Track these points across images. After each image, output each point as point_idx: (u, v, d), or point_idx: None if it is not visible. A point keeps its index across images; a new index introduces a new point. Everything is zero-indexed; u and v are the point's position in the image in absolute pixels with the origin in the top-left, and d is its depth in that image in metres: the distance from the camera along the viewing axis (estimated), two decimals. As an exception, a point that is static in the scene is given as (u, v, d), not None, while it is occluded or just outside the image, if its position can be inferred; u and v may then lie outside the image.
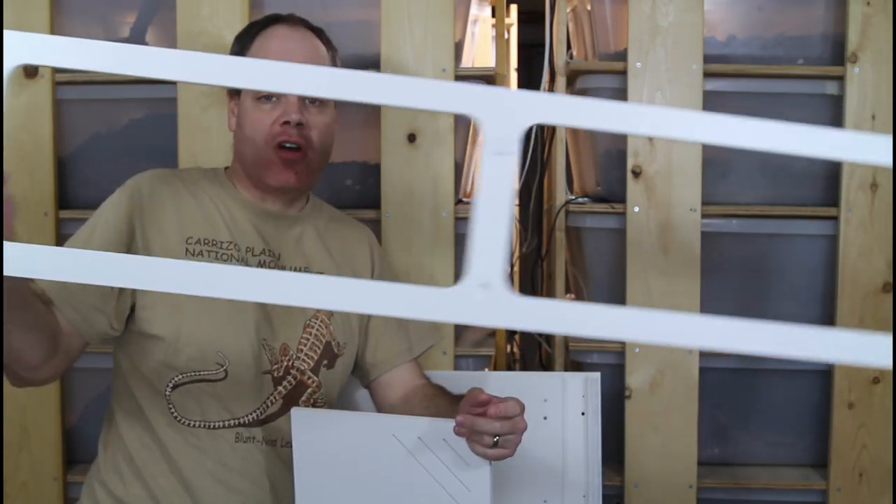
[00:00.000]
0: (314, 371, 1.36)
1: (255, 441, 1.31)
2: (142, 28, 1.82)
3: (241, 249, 1.34)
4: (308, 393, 1.36)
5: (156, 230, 1.31)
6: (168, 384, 1.29)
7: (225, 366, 1.29)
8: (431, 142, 1.70)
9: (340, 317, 1.40)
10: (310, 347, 1.36)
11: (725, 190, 1.82)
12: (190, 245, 1.32)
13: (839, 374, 1.78)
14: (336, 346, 1.39)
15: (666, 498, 1.78)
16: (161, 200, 1.33)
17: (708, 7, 1.76)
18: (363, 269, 1.46)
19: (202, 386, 1.29)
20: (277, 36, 1.35)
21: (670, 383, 1.77)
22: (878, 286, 1.77)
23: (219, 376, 1.29)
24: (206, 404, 1.29)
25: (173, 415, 1.29)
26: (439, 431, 1.21)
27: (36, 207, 1.76)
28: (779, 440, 1.89)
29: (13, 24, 1.74)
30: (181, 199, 1.34)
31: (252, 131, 1.33)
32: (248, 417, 1.31)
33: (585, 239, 1.84)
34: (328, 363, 1.38)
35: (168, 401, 1.29)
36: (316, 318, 1.37)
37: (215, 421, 1.30)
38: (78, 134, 1.82)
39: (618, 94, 1.78)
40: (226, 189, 1.38)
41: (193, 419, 1.29)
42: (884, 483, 1.79)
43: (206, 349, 1.29)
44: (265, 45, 1.34)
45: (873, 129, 1.75)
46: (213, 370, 1.29)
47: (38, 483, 1.80)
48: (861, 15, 1.73)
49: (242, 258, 1.33)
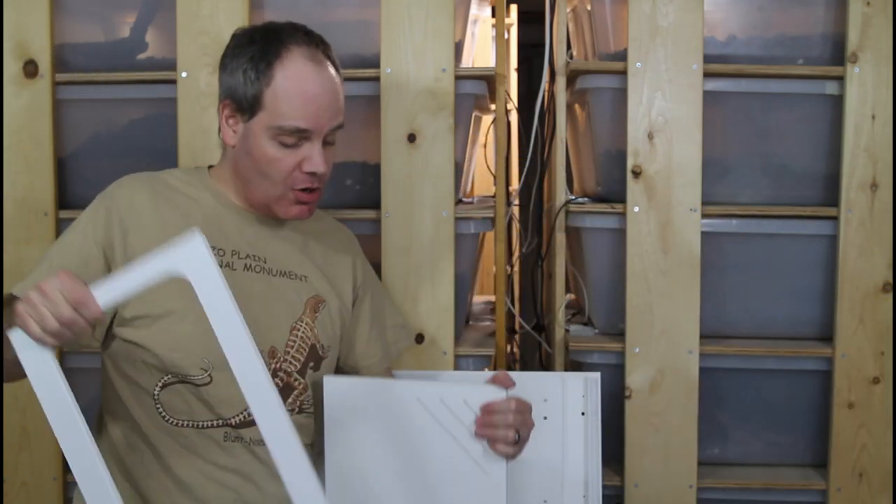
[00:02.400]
0: (301, 373, 1.36)
1: (242, 441, 1.31)
2: (142, 28, 1.82)
3: (227, 253, 1.33)
4: (294, 395, 1.35)
5: (137, 238, 1.29)
6: (156, 385, 1.29)
7: (209, 370, 1.28)
8: (431, 142, 1.70)
9: (323, 320, 1.40)
10: (297, 350, 1.36)
11: (725, 190, 1.82)
12: None
13: (839, 374, 1.78)
14: (321, 349, 1.39)
15: (666, 498, 1.78)
16: (140, 207, 1.31)
17: (708, 7, 1.76)
18: (345, 279, 1.46)
19: (189, 387, 1.28)
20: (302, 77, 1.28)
21: (670, 383, 1.77)
22: (878, 286, 1.77)
23: (204, 381, 1.29)
24: (194, 405, 1.29)
25: (161, 415, 1.29)
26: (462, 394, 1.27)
27: (36, 207, 1.76)
28: (779, 440, 1.89)
29: (13, 24, 1.74)
30: (161, 204, 1.33)
31: (269, 170, 1.30)
32: (235, 419, 1.30)
33: (585, 239, 1.84)
34: (314, 365, 1.38)
35: (156, 401, 1.29)
36: (301, 321, 1.37)
37: (203, 420, 1.30)
38: (78, 134, 1.82)
39: (618, 94, 1.78)
40: (210, 192, 1.37)
41: (181, 419, 1.29)
42: (884, 483, 1.79)
43: (192, 355, 1.28)
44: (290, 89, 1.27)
45: (873, 129, 1.75)
46: (199, 375, 1.28)
47: (38, 483, 1.80)
48: (861, 15, 1.73)
49: (228, 262, 1.33)
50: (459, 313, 1.79)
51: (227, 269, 1.32)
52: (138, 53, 1.82)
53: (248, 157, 1.31)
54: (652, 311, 1.76)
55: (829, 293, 1.81)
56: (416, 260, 1.71)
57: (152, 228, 1.30)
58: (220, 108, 1.34)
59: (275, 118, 1.28)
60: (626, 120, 1.75)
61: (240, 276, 1.33)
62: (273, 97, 1.28)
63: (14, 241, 1.76)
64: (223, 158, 1.39)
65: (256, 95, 1.28)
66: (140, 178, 1.36)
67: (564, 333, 1.86)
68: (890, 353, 1.77)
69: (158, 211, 1.32)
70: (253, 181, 1.33)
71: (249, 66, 1.29)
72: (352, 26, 1.79)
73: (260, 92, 1.28)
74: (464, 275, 1.81)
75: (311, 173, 1.30)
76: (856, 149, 1.75)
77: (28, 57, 1.74)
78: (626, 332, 1.77)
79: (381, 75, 1.70)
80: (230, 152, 1.36)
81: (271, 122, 1.28)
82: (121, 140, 1.82)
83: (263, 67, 1.29)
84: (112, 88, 1.78)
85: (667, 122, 1.74)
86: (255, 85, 1.28)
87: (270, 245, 1.38)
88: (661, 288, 1.76)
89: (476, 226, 1.78)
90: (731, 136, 1.82)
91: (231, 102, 1.31)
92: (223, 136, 1.34)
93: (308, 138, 1.30)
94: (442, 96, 1.69)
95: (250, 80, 1.29)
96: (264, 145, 1.29)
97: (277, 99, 1.28)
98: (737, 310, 1.86)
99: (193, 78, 1.71)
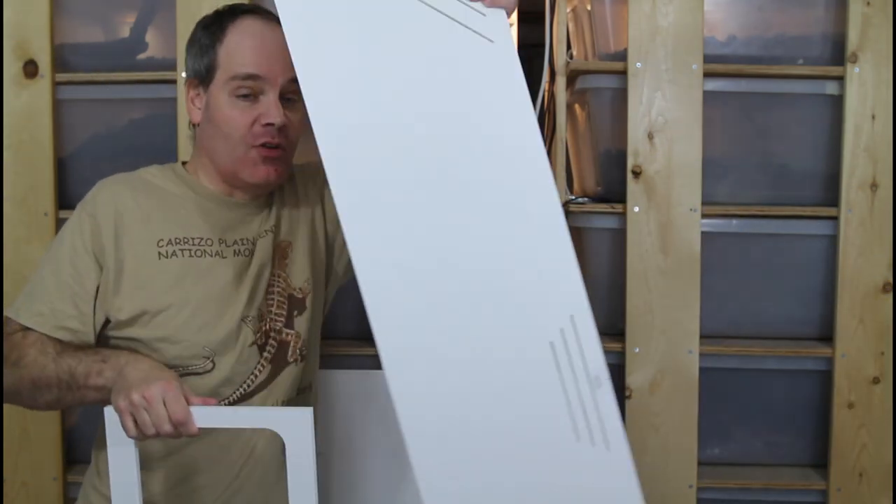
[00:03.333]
0: (288, 325, 1.38)
1: None
2: (142, 28, 1.82)
3: (215, 242, 1.34)
4: (291, 348, 1.38)
5: (125, 241, 1.29)
6: None
7: (211, 357, 1.30)
8: (431, 142, 1.70)
9: (292, 263, 1.41)
10: (277, 306, 1.38)
11: (725, 190, 1.82)
12: (162, 248, 1.30)
13: (839, 374, 1.78)
14: (299, 292, 1.40)
15: (666, 498, 1.78)
16: (123, 208, 1.31)
17: (708, 7, 1.76)
18: (313, 214, 1.46)
19: (190, 378, 1.29)
20: (252, 31, 1.32)
21: (670, 383, 1.77)
22: (878, 286, 1.77)
23: (206, 368, 1.30)
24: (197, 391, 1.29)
25: None
26: None
27: (36, 207, 1.76)
28: (779, 440, 1.89)
29: (13, 24, 1.74)
30: (143, 201, 1.33)
31: (229, 129, 1.30)
32: (235, 395, 1.32)
33: (585, 239, 1.84)
34: (298, 311, 1.40)
35: None
36: (275, 276, 1.38)
37: None
38: (78, 134, 1.82)
39: (618, 94, 1.78)
40: (189, 184, 1.37)
41: None
42: (884, 483, 1.79)
43: (194, 345, 1.30)
44: (240, 41, 1.31)
45: (873, 129, 1.75)
46: (200, 363, 1.30)
47: (38, 483, 1.80)
48: (861, 15, 1.73)
49: (217, 251, 1.33)
50: (459, 313, 1.79)
51: (217, 258, 1.32)
52: (138, 53, 1.82)
53: (211, 123, 1.32)
54: (652, 311, 1.76)
55: (829, 293, 1.81)
56: (416, 260, 1.71)
57: (139, 225, 1.31)
58: (186, 92, 1.36)
59: (229, 69, 1.29)
60: (626, 120, 1.75)
61: (231, 262, 1.34)
62: (225, 52, 1.30)
63: (14, 241, 1.76)
64: (194, 147, 1.40)
65: (211, 58, 1.31)
66: (117, 179, 1.36)
67: (564, 333, 1.86)
68: (890, 353, 1.77)
69: (141, 209, 1.32)
70: (217, 149, 1.33)
71: (203, 35, 1.33)
72: (352, 26, 1.79)
73: (214, 53, 1.30)
74: (464, 275, 1.80)
75: (268, 125, 1.30)
76: (856, 149, 1.75)
77: (28, 57, 1.74)
78: (626, 332, 1.77)
79: (381, 75, 1.70)
80: (198, 132, 1.37)
81: (226, 76, 1.30)
82: (121, 140, 1.82)
83: (216, 30, 1.32)
84: (112, 88, 1.78)
85: (667, 122, 1.74)
86: (209, 51, 1.31)
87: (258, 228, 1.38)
88: (661, 288, 1.76)
89: (476, 226, 1.78)
90: (731, 136, 1.82)
91: (193, 79, 1.34)
92: (191, 116, 1.36)
93: (263, 91, 1.30)
94: (442, 96, 1.69)
95: (204, 46, 1.31)
96: (223, 105, 1.30)
97: (229, 52, 1.30)
98: (737, 310, 1.86)
99: (193, 78, 1.71)
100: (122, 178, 1.36)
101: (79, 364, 1.22)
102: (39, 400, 1.26)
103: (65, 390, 1.23)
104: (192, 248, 1.32)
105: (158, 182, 1.37)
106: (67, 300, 1.28)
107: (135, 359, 1.23)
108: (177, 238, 1.32)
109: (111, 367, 1.21)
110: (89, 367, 1.22)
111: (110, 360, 1.22)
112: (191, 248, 1.32)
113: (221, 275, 1.32)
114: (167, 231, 1.32)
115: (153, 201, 1.34)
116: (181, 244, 1.32)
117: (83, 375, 1.22)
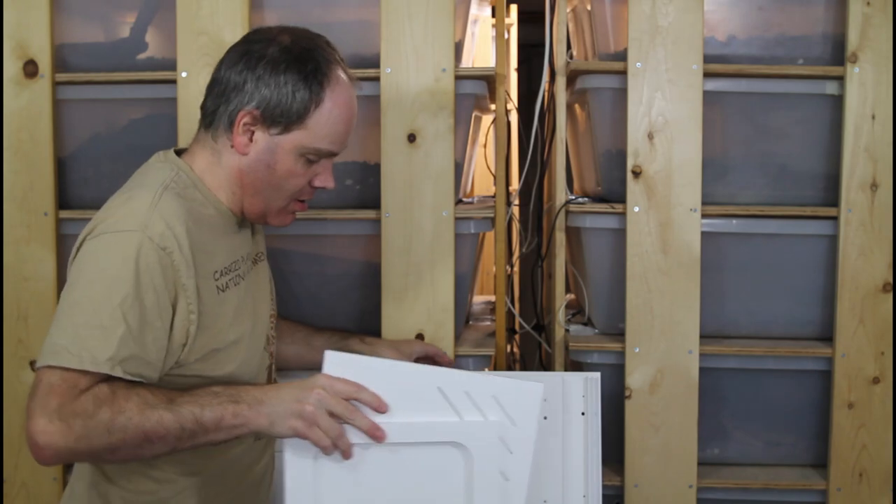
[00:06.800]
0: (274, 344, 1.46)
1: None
2: (142, 28, 1.82)
3: (239, 260, 1.34)
4: (271, 365, 1.45)
5: (198, 281, 1.22)
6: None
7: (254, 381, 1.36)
8: (431, 142, 1.70)
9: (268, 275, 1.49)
10: (272, 326, 1.45)
11: (725, 190, 1.83)
12: (217, 280, 1.26)
13: (839, 374, 1.78)
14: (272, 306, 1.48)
15: (666, 498, 1.78)
16: (186, 250, 1.21)
17: (708, 7, 1.76)
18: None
19: None
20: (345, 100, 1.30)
21: (670, 383, 1.77)
22: (878, 286, 1.77)
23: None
24: None
25: None
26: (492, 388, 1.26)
27: (36, 207, 1.76)
28: (779, 440, 1.89)
29: (13, 24, 1.74)
30: (193, 229, 1.23)
31: (287, 184, 1.29)
32: None
33: (585, 239, 1.84)
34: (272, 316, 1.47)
35: None
36: (271, 299, 1.46)
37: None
38: (78, 134, 1.82)
39: (618, 94, 1.78)
40: (213, 204, 1.30)
41: None
42: (884, 483, 1.79)
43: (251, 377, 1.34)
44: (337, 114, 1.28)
45: (873, 129, 1.75)
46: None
47: (38, 483, 1.80)
48: (861, 15, 1.73)
49: (239, 274, 1.34)
50: (459, 313, 1.79)
51: (241, 282, 1.33)
52: (138, 53, 1.82)
53: (268, 170, 1.28)
54: (652, 311, 1.76)
55: (829, 293, 1.81)
56: (416, 260, 1.71)
57: (200, 256, 1.23)
58: (238, 113, 1.26)
59: (314, 140, 1.28)
60: (626, 120, 1.75)
61: (252, 277, 1.37)
62: (318, 120, 1.27)
63: (14, 241, 1.76)
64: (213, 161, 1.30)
65: (301, 114, 1.26)
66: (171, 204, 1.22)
67: (564, 333, 1.86)
68: (890, 353, 1.77)
69: (196, 247, 1.23)
70: (262, 193, 1.30)
71: (302, 84, 1.26)
72: (352, 26, 1.80)
73: (306, 111, 1.26)
74: (464, 275, 1.81)
75: (317, 188, 1.33)
76: (856, 149, 1.75)
77: (28, 57, 1.74)
78: (626, 332, 1.77)
79: (381, 75, 1.71)
80: (234, 159, 1.29)
81: (309, 143, 1.27)
82: (121, 140, 1.82)
83: (316, 88, 1.26)
84: (112, 88, 1.78)
85: (667, 122, 1.74)
86: (303, 104, 1.26)
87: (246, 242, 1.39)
88: (661, 288, 1.76)
89: (476, 226, 1.78)
90: (731, 136, 1.82)
91: (261, 114, 1.26)
92: (236, 145, 1.27)
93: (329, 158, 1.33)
94: (442, 96, 1.70)
95: (299, 97, 1.25)
96: (289, 161, 1.28)
97: (322, 123, 1.27)
98: (737, 310, 1.86)
99: (193, 78, 1.71)
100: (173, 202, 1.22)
101: (202, 410, 1.15)
102: (143, 453, 1.15)
103: (186, 439, 1.15)
104: (232, 275, 1.31)
105: (198, 206, 1.28)
106: (150, 344, 1.17)
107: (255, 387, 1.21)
108: (225, 268, 1.29)
109: (244, 404, 1.16)
110: (216, 410, 1.15)
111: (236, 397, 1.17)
112: (233, 277, 1.31)
113: (248, 301, 1.34)
114: (216, 262, 1.27)
115: (202, 229, 1.25)
116: (227, 274, 1.29)
117: (213, 420, 1.15)
